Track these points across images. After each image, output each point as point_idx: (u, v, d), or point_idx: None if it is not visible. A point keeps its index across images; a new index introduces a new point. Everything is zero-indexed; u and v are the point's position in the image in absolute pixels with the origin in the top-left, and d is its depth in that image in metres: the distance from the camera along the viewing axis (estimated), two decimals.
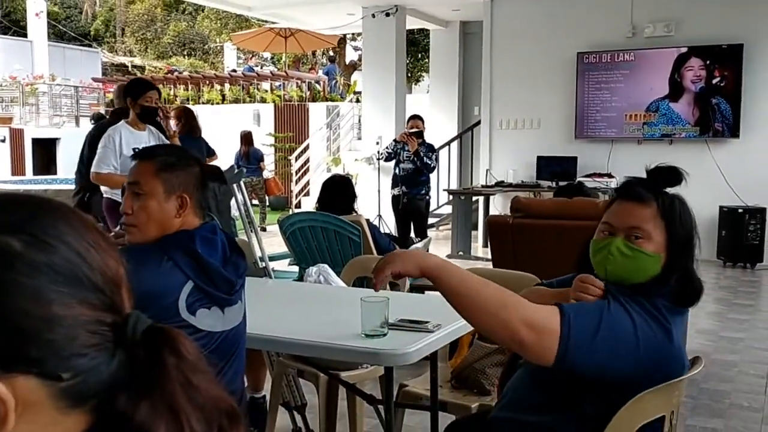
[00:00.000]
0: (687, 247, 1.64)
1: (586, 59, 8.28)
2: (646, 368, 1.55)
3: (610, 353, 1.51)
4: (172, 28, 26.79)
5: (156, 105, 4.25)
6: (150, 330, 0.64)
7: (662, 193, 1.65)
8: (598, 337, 1.50)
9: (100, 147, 4.19)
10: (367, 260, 3.66)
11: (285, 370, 2.94)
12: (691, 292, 1.64)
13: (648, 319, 1.56)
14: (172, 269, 1.74)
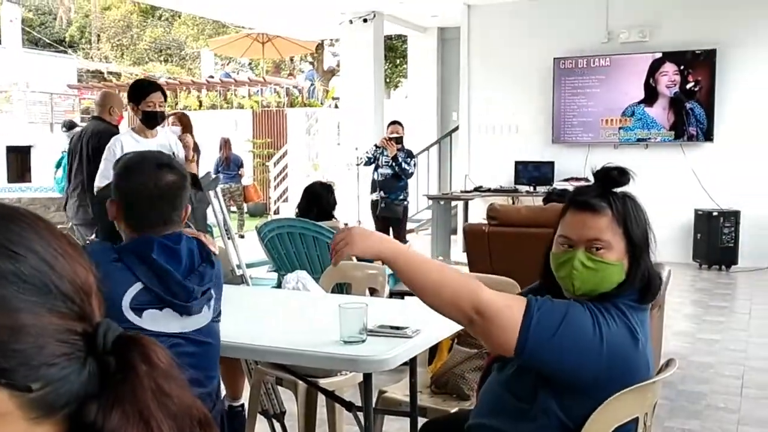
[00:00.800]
0: (645, 245, 1.66)
1: (562, 65, 8.35)
2: (611, 368, 1.57)
3: (571, 349, 1.53)
4: (148, 34, 26.63)
5: (159, 109, 3.92)
6: (121, 338, 0.63)
7: (614, 198, 1.64)
8: (560, 332, 1.52)
9: (102, 159, 3.91)
10: (346, 266, 3.65)
11: (263, 378, 2.92)
12: (653, 288, 1.65)
13: (613, 320, 1.58)
14: (119, 270, 1.77)
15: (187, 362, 1.79)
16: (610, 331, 1.56)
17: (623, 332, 1.58)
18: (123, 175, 1.89)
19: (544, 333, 1.51)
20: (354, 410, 2.59)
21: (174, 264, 1.81)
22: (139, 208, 1.86)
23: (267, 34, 14.08)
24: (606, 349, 1.55)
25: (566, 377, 1.57)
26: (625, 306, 1.62)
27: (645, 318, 1.67)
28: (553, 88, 8.41)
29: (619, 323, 1.58)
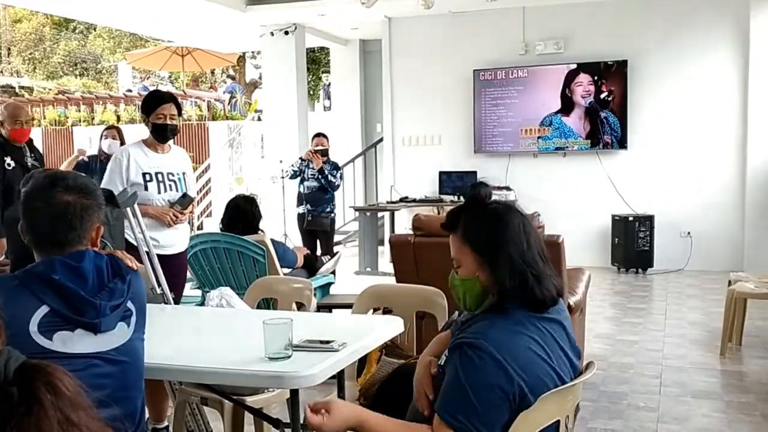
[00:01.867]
0: (498, 257, 1.68)
1: (482, 76, 8.52)
2: (527, 379, 1.61)
3: (492, 397, 1.59)
4: (62, 47, 25.74)
5: (171, 122, 3.69)
6: (24, 366, 0.60)
7: (465, 217, 1.74)
8: (480, 397, 1.58)
9: (107, 169, 3.72)
10: (272, 281, 3.61)
11: (188, 399, 2.85)
12: (533, 294, 1.68)
13: (510, 336, 1.63)
14: (22, 295, 1.72)
15: (104, 383, 1.73)
16: (510, 350, 1.62)
17: (525, 341, 1.64)
18: (23, 196, 1.85)
19: (475, 414, 1.58)
20: (282, 427, 2.56)
21: (79, 282, 1.76)
22: (35, 229, 1.83)
23: (187, 47, 13.82)
24: (513, 368, 1.60)
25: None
26: (524, 315, 1.67)
27: (551, 325, 1.70)
28: (474, 99, 8.57)
29: (517, 334, 1.65)
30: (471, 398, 1.58)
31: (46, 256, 1.81)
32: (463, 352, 1.62)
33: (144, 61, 16.14)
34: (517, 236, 1.69)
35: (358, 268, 8.20)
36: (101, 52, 25.27)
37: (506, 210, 1.73)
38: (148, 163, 3.70)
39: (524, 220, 1.73)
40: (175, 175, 3.77)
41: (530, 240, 1.70)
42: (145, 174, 3.66)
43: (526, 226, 1.72)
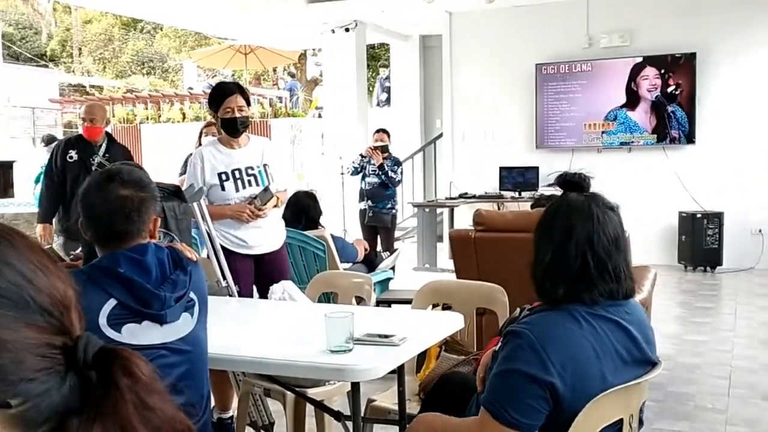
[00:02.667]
0: (546, 242, 1.70)
1: (544, 70, 8.40)
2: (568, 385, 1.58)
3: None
4: (130, 46, 26.53)
5: (239, 114, 3.47)
6: (102, 352, 0.62)
7: (546, 203, 1.77)
8: (516, 385, 1.57)
9: (186, 173, 3.65)
10: (332, 275, 3.64)
11: (251, 390, 2.90)
12: (585, 297, 1.66)
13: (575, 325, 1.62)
14: (90, 289, 1.77)
15: (171, 373, 1.79)
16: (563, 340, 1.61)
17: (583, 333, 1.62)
18: (81, 193, 1.91)
19: (524, 405, 1.57)
20: (343, 420, 2.58)
21: (143, 275, 1.81)
22: (94, 225, 1.88)
23: (249, 45, 14.05)
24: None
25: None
26: (580, 314, 1.64)
27: (608, 325, 1.66)
28: (536, 94, 8.45)
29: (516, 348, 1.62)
30: (508, 385, 1.59)
31: (108, 251, 1.86)
32: (508, 341, 1.63)
33: (208, 59, 16.47)
34: (569, 235, 1.67)
35: (416, 264, 8.20)
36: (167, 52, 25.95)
37: (579, 207, 1.70)
38: (224, 161, 3.54)
39: (598, 223, 1.68)
40: (254, 169, 3.57)
41: (597, 243, 1.66)
42: (220, 174, 3.51)
43: (595, 227, 1.67)
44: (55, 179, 4.91)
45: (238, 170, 3.54)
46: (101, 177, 1.90)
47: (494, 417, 1.57)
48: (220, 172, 3.51)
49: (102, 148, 4.94)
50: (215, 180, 3.51)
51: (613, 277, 1.67)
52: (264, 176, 3.58)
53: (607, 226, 1.69)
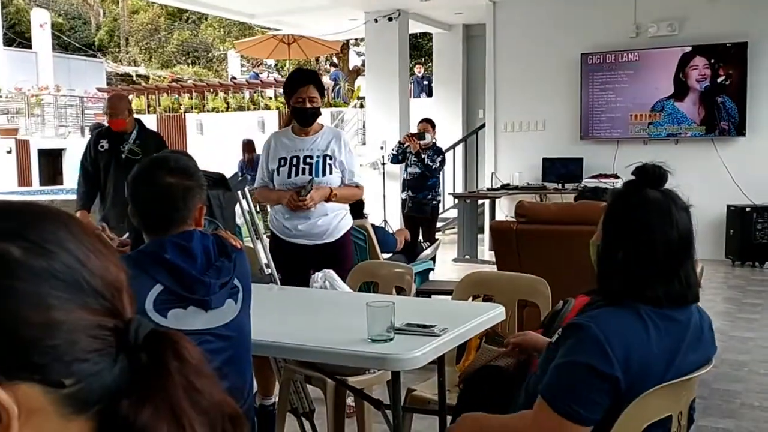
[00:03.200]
0: (615, 240, 1.65)
1: (589, 60, 8.27)
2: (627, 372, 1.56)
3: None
4: (175, 36, 26.92)
5: (310, 105, 3.44)
6: (152, 334, 0.63)
7: (618, 192, 1.74)
8: (577, 377, 1.55)
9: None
10: (373, 265, 3.65)
11: (292, 377, 2.93)
12: (645, 295, 1.61)
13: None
14: (137, 274, 1.79)
15: (216, 358, 1.82)
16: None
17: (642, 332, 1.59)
18: (129, 182, 1.94)
19: (577, 394, 1.56)
20: (383, 408, 2.59)
21: (189, 261, 1.84)
22: (142, 211, 1.91)
23: (292, 35, 14.13)
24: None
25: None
26: (644, 311, 1.61)
27: (672, 325, 1.63)
28: (581, 84, 8.33)
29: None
30: (570, 377, 1.57)
31: (155, 237, 1.89)
32: (570, 334, 1.61)
33: (252, 49, 16.59)
34: (647, 234, 1.62)
35: (456, 255, 8.18)
36: (212, 41, 26.25)
37: (659, 206, 1.66)
38: (287, 147, 3.54)
39: (674, 224, 1.64)
40: (313, 158, 3.52)
41: (663, 244, 1.62)
42: (281, 159, 3.52)
43: (672, 228, 1.63)
44: (89, 169, 5.00)
45: (297, 157, 3.52)
46: (149, 164, 1.94)
47: (552, 407, 1.55)
48: (280, 157, 3.52)
49: (132, 135, 4.94)
50: (275, 164, 3.52)
51: (683, 281, 1.63)
52: (321, 166, 3.50)
53: (682, 228, 1.65)
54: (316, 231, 3.53)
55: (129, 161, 4.73)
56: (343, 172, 3.54)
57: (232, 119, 14.53)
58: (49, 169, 15.58)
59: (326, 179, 3.50)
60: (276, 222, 3.59)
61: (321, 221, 3.53)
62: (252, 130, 14.03)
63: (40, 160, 15.29)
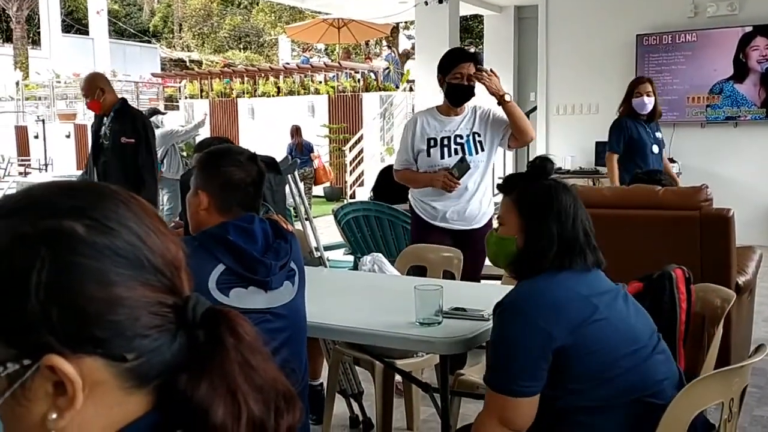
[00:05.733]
0: (539, 226, 1.76)
1: (645, 41, 8.06)
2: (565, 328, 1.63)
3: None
4: (227, 22, 27.22)
5: (469, 83, 3.30)
6: (209, 312, 0.65)
7: (522, 183, 1.85)
8: (530, 354, 1.63)
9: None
10: (422, 249, 3.65)
11: (341, 358, 2.97)
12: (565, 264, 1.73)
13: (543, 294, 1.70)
14: (201, 254, 1.85)
15: (276, 337, 1.86)
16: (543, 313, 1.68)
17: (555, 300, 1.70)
18: (214, 166, 1.97)
19: (530, 367, 1.65)
20: (431, 392, 2.60)
21: (250, 243, 1.89)
22: (234, 196, 1.94)
23: (342, 19, 14.15)
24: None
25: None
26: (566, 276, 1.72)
27: (584, 277, 1.73)
28: (636, 66, 8.12)
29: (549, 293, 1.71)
30: (503, 358, 1.68)
31: (226, 219, 1.93)
32: (494, 315, 1.72)
33: (302, 33, 16.70)
34: (563, 214, 1.76)
35: None
36: (263, 26, 26.44)
37: (560, 187, 1.82)
38: (435, 128, 3.42)
39: (576, 201, 1.80)
40: (463, 138, 3.40)
41: (576, 220, 1.77)
42: (429, 140, 3.40)
43: (576, 207, 1.79)
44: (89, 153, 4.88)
45: (447, 138, 3.39)
46: (239, 155, 1.98)
47: (492, 389, 1.68)
48: (429, 138, 3.40)
49: (107, 119, 4.61)
50: (423, 145, 3.41)
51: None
52: (471, 145, 3.40)
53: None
54: (468, 215, 3.42)
55: (102, 147, 4.55)
56: (503, 123, 3.44)
57: (282, 104, 14.65)
58: None
59: (477, 158, 3.40)
60: (421, 204, 3.46)
61: (473, 204, 3.42)
62: (302, 114, 14.12)
63: None
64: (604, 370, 1.65)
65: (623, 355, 1.66)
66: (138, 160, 4.42)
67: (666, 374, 1.70)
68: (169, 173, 7.69)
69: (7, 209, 0.62)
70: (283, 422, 0.64)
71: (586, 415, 1.66)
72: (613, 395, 1.65)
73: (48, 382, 0.58)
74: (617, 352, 1.66)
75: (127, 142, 4.44)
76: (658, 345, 1.75)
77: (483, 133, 3.43)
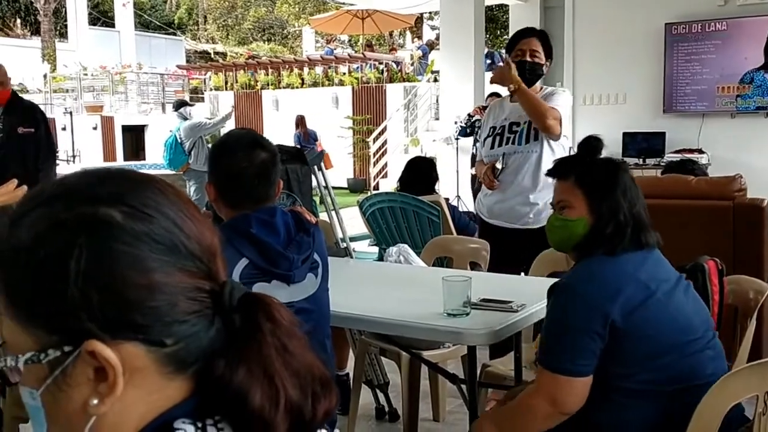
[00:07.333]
0: (609, 204, 1.76)
1: (674, 30, 7.94)
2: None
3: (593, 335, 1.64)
4: (252, 14, 27.31)
5: (531, 59, 3.05)
6: (246, 297, 0.65)
7: (581, 165, 1.86)
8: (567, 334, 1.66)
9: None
10: (448, 240, 3.64)
11: (367, 349, 2.97)
12: (642, 240, 1.75)
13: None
14: (225, 248, 1.80)
15: None
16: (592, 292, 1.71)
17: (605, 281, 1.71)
18: (218, 156, 1.97)
19: (584, 349, 1.65)
20: (458, 383, 2.60)
21: (272, 236, 1.87)
22: (236, 187, 1.91)
23: (366, 10, 14.12)
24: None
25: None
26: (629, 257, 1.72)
27: (636, 258, 1.73)
28: (665, 55, 8.01)
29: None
30: (557, 337, 1.68)
31: (239, 212, 1.91)
32: (550, 296, 1.73)
33: (326, 25, 16.70)
34: (629, 189, 1.77)
35: None
36: (287, 18, 26.48)
37: (619, 164, 1.85)
38: (499, 115, 3.21)
39: (632, 177, 1.82)
40: (519, 126, 3.14)
41: (638, 196, 1.79)
42: (490, 128, 3.21)
43: (635, 183, 1.81)
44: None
45: (503, 126, 3.16)
46: (245, 142, 1.94)
47: (546, 367, 1.69)
48: (491, 126, 3.21)
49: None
50: (484, 134, 3.24)
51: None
52: (524, 134, 3.12)
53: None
54: (515, 213, 3.15)
55: None
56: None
57: (306, 95, 14.67)
58: (132, 145, 16.13)
59: (528, 147, 3.10)
60: (480, 200, 3.32)
61: (520, 202, 3.13)
62: (326, 106, 14.14)
63: (123, 135, 15.84)
64: (654, 356, 1.64)
65: (674, 344, 1.65)
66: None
67: (714, 370, 1.68)
68: (196, 165, 7.76)
69: (45, 197, 0.62)
70: (320, 407, 0.64)
71: (627, 397, 1.66)
72: (658, 382, 1.65)
73: (89, 367, 0.58)
74: (669, 340, 1.65)
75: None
76: (712, 341, 1.73)
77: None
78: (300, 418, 0.62)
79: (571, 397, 1.63)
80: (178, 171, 7.82)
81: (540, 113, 3.05)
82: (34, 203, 0.62)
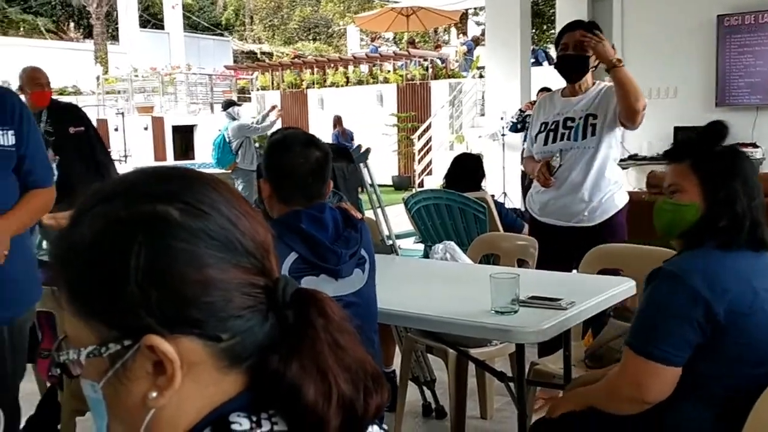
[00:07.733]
0: (726, 192, 1.67)
1: (727, 22, 7.73)
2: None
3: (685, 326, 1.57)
4: (297, 13, 27.53)
5: (575, 51, 2.93)
6: (299, 293, 0.66)
7: (696, 150, 1.77)
8: (660, 320, 1.59)
9: None
10: (495, 237, 3.61)
11: (414, 346, 2.97)
12: (758, 234, 1.66)
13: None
14: (277, 243, 1.83)
15: None
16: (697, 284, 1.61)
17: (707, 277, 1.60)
18: (274, 154, 2.00)
19: (675, 341, 1.59)
20: (506, 381, 2.58)
21: (321, 232, 1.90)
22: (291, 184, 1.95)
23: (411, 7, 14.11)
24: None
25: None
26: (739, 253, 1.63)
27: (744, 260, 1.63)
28: (717, 48, 7.81)
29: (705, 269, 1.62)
30: (653, 322, 1.61)
31: (291, 209, 1.94)
32: (652, 280, 1.66)
33: (371, 23, 16.74)
34: (750, 181, 1.69)
35: None
36: (332, 17, 26.62)
37: (742, 154, 1.77)
38: (551, 110, 3.10)
39: (756, 169, 1.75)
40: (574, 121, 3.01)
41: (759, 189, 1.69)
42: (542, 124, 3.11)
43: (757, 176, 1.72)
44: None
45: (557, 122, 3.04)
46: (300, 141, 1.99)
47: (635, 351, 1.63)
48: (542, 122, 3.11)
49: (44, 115, 4.22)
50: (536, 130, 3.14)
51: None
52: (580, 129, 3.00)
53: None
54: (569, 211, 3.03)
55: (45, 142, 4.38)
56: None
57: (351, 94, 14.73)
58: (182, 145, 16.42)
59: (584, 143, 2.99)
60: (530, 196, 3.22)
61: (575, 199, 3.01)
62: (371, 103, 14.17)
63: (173, 136, 16.14)
64: (742, 366, 1.57)
65: (766, 360, 1.57)
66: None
67: None
68: (243, 164, 7.88)
69: (103, 195, 0.64)
70: (372, 402, 0.64)
71: (703, 400, 1.60)
72: (735, 394, 1.58)
73: (148, 361, 0.60)
74: (763, 353, 1.57)
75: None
76: None
77: (602, 114, 2.99)
78: (352, 413, 0.63)
79: (658, 385, 1.58)
80: (226, 170, 7.95)
81: (637, 97, 2.93)
82: (94, 201, 0.63)
